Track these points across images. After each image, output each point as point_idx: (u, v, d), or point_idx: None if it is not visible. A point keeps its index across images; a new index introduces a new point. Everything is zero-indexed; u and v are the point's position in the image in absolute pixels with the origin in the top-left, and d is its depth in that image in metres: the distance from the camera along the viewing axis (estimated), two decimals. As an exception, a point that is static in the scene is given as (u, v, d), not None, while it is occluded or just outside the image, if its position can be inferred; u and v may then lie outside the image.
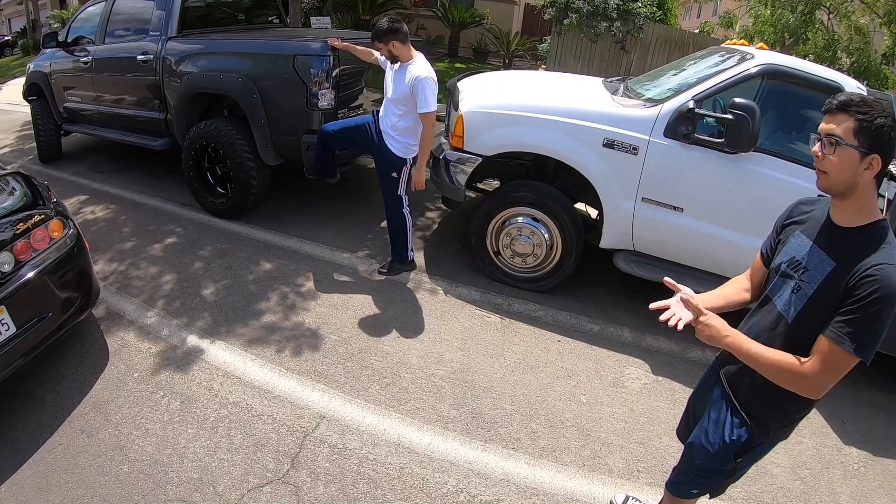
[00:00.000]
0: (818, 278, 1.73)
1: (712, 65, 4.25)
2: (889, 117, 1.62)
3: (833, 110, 1.67)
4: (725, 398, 2.07)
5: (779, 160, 3.79)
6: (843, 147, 1.63)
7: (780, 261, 1.91)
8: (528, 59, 16.50)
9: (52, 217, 3.35)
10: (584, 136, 4.03)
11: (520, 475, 2.98)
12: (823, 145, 1.68)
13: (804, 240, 1.84)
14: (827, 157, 1.66)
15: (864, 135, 1.62)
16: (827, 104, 1.69)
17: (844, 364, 1.68)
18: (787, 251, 1.89)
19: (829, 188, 1.71)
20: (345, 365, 3.63)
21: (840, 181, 1.67)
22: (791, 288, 1.83)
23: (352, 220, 5.63)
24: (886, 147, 1.63)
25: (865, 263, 1.63)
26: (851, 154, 1.63)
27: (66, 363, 3.50)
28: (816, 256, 1.76)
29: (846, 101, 1.65)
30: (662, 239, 4.16)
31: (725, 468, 2.09)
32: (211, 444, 2.99)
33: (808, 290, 1.76)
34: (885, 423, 3.73)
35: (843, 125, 1.64)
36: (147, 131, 6.04)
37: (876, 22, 10.09)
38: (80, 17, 6.78)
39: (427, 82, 3.98)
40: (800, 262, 1.81)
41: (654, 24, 11.12)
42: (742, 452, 2.04)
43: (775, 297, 1.90)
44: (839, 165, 1.65)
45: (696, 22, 20.18)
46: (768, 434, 1.99)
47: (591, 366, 3.86)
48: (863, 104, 1.62)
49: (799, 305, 1.78)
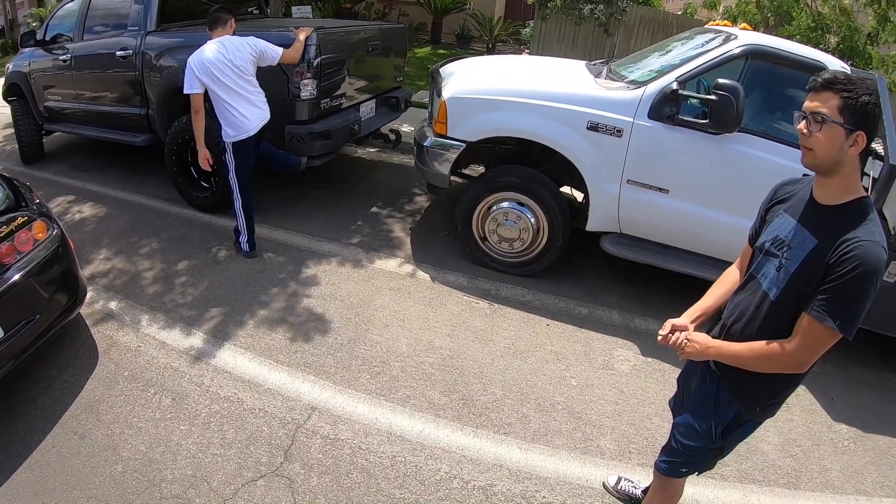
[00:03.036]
0: (801, 256, 1.74)
1: (696, 46, 4.25)
2: (873, 94, 1.63)
3: (817, 88, 1.67)
4: (712, 377, 2.08)
5: (763, 140, 3.80)
6: (828, 124, 1.64)
7: (763, 239, 1.93)
8: (511, 43, 16.40)
9: (36, 218, 3.32)
10: (568, 120, 4.02)
11: (512, 460, 3.00)
12: (809, 123, 1.68)
13: (788, 219, 1.85)
14: (813, 134, 1.67)
15: (849, 112, 1.62)
16: (811, 82, 1.70)
17: (826, 340, 1.70)
18: (770, 230, 1.91)
19: (815, 165, 1.71)
20: (334, 355, 3.63)
21: (826, 158, 1.67)
22: (775, 266, 1.84)
23: (338, 211, 5.62)
24: (871, 124, 1.64)
25: (846, 239, 1.64)
26: (837, 131, 1.63)
27: (56, 364, 3.48)
28: (799, 234, 1.78)
29: (830, 78, 1.65)
30: (648, 221, 4.18)
31: (713, 446, 2.11)
32: (204, 440, 2.99)
33: (791, 267, 1.77)
34: (874, 399, 3.78)
35: (828, 103, 1.64)
36: (129, 128, 5.99)
37: (860, 2, 10.09)
38: (58, 14, 6.68)
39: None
40: (783, 240, 1.83)
41: (638, 6, 11.06)
42: (730, 430, 2.07)
43: (759, 275, 1.92)
44: (825, 142, 1.65)
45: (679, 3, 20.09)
46: (755, 412, 2.01)
47: (580, 349, 3.88)
48: (847, 82, 1.63)
49: (783, 283, 1.80)
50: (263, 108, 4.46)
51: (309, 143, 4.86)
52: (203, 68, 4.15)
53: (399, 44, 6.40)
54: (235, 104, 4.26)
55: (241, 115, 4.29)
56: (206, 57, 4.15)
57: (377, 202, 5.91)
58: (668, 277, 4.36)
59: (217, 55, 4.15)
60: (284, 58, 4.44)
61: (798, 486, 3.06)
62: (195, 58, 4.17)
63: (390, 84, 6.36)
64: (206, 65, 4.14)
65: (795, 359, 1.77)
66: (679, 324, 2.08)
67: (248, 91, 4.31)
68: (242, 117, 4.29)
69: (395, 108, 6.33)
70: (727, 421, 2.05)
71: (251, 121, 4.34)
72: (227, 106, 4.26)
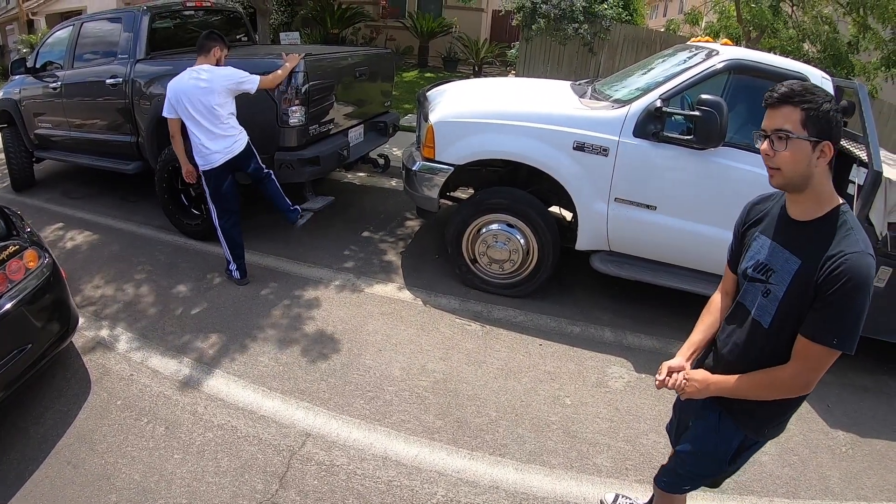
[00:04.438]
0: (786, 278, 1.68)
1: (678, 63, 4.31)
2: (832, 100, 1.58)
3: (774, 104, 1.61)
4: (711, 406, 2.01)
5: (748, 153, 3.84)
6: (793, 140, 1.58)
7: (745, 266, 1.86)
8: (497, 65, 16.60)
9: (27, 247, 3.32)
10: (555, 140, 4.07)
11: (508, 481, 2.99)
12: (772, 142, 1.62)
13: (765, 241, 1.79)
14: (778, 153, 1.61)
15: (813, 123, 1.57)
16: (767, 98, 1.64)
17: (827, 359, 1.64)
18: (750, 255, 1.85)
19: (785, 184, 1.66)
20: (328, 381, 3.63)
21: (795, 175, 1.61)
22: (761, 292, 1.78)
23: (329, 236, 5.63)
24: (836, 131, 1.59)
25: (830, 254, 1.58)
26: (803, 146, 1.58)
27: (48, 394, 3.46)
28: (781, 256, 1.72)
29: (787, 92, 1.59)
30: (637, 238, 4.21)
31: (723, 469, 2.08)
32: (198, 469, 2.97)
33: (778, 292, 1.71)
34: (871, 405, 3.82)
35: (789, 118, 1.58)
36: (119, 155, 6.00)
37: (839, 11, 10.22)
38: (49, 41, 6.73)
39: None
40: (765, 264, 1.77)
41: (621, 24, 11.22)
42: (737, 455, 2.01)
43: (747, 302, 1.86)
44: (792, 159, 1.59)
45: (662, 21, 20.36)
46: (764, 434, 1.95)
47: (573, 367, 3.90)
48: (805, 92, 1.58)
49: (772, 310, 1.74)
50: (232, 142, 4.39)
51: (298, 169, 4.87)
52: (175, 95, 4.20)
53: (386, 69, 6.46)
54: (200, 136, 4.28)
55: (205, 147, 4.30)
56: (180, 85, 4.19)
57: (367, 227, 5.93)
58: (659, 293, 4.39)
59: (190, 85, 4.17)
60: (263, 84, 4.41)
61: (797, 494, 3.08)
62: (172, 84, 4.23)
63: (378, 109, 6.41)
64: (178, 93, 4.19)
65: (799, 381, 1.71)
66: (674, 365, 2.00)
67: (214, 125, 4.26)
68: (206, 149, 4.30)
69: (383, 132, 6.37)
70: (734, 449, 1.99)
71: (213, 153, 4.31)
72: (193, 135, 4.29)
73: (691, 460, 2.12)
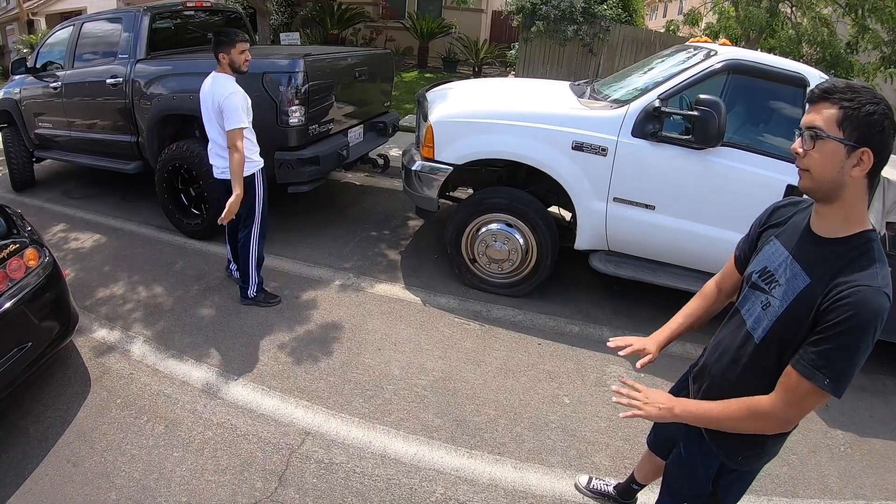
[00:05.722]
0: (789, 296, 1.54)
1: (677, 63, 4.32)
2: (881, 104, 1.38)
3: (815, 99, 1.45)
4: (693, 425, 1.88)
5: (747, 153, 3.86)
6: (824, 140, 1.41)
7: (752, 269, 1.73)
8: (497, 66, 16.61)
9: (28, 246, 3.32)
10: (553, 140, 4.08)
11: (507, 479, 3.00)
12: (804, 140, 1.46)
13: (779, 248, 1.64)
14: (808, 152, 1.45)
15: (850, 125, 1.38)
16: (809, 93, 1.48)
17: (815, 399, 1.50)
18: (760, 259, 1.70)
19: (812, 189, 1.48)
20: (327, 380, 3.64)
21: (824, 180, 1.44)
22: (761, 303, 1.64)
23: (328, 236, 5.64)
24: (879, 139, 1.39)
25: (841, 283, 1.42)
26: (835, 148, 1.40)
27: (48, 392, 3.47)
28: (790, 270, 1.57)
29: (829, 87, 1.43)
30: (636, 237, 4.22)
31: (706, 492, 1.92)
32: (197, 467, 2.98)
33: (778, 308, 1.57)
34: (869, 404, 3.83)
35: (824, 115, 1.42)
36: (119, 155, 6.02)
37: (838, 12, 10.24)
38: (49, 42, 6.74)
39: None
40: (772, 273, 1.63)
41: (621, 25, 11.23)
42: (718, 478, 1.88)
43: (744, 311, 1.73)
44: (821, 162, 1.43)
45: (662, 21, 20.38)
46: (737, 462, 1.82)
47: (572, 367, 3.90)
48: (848, 90, 1.40)
49: (768, 326, 1.60)
50: (217, 162, 4.15)
51: (298, 169, 4.88)
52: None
53: (386, 69, 6.48)
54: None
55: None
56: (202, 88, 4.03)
57: (367, 227, 5.94)
58: (658, 292, 4.40)
59: (202, 91, 4.01)
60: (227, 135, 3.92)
61: (796, 493, 3.09)
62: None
63: (378, 109, 6.43)
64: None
65: (779, 418, 1.56)
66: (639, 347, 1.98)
67: (212, 137, 4.10)
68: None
69: (382, 132, 6.38)
70: (713, 471, 1.87)
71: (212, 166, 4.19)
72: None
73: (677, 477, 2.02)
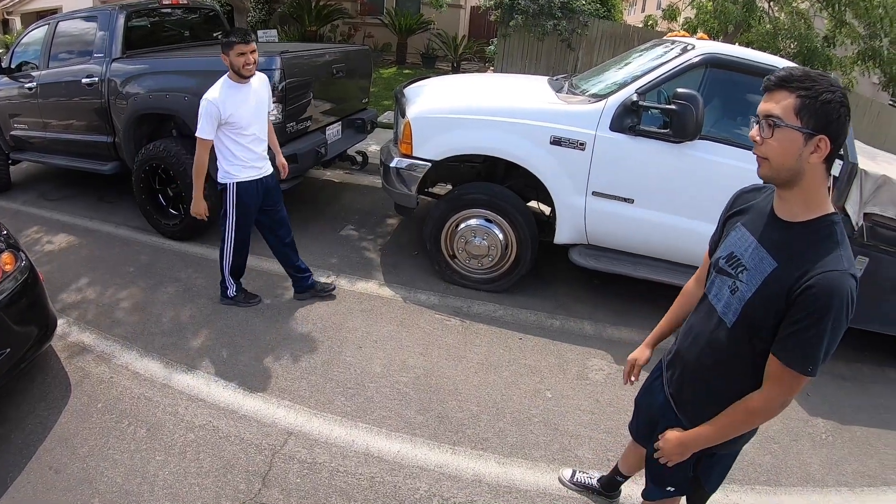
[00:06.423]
0: (757, 280, 1.57)
1: (655, 57, 4.35)
2: (837, 91, 1.41)
3: (772, 87, 1.48)
4: (670, 408, 1.96)
5: (724, 146, 3.91)
6: (782, 129, 1.44)
7: (718, 255, 1.75)
8: (475, 61, 16.62)
9: (3, 250, 3.28)
10: (532, 135, 4.09)
11: (491, 474, 3.02)
12: (762, 128, 1.48)
13: (745, 234, 1.67)
14: (765, 140, 1.47)
15: (808, 113, 1.41)
16: (765, 81, 1.51)
17: (800, 384, 1.55)
18: (726, 245, 1.73)
19: (771, 177, 1.52)
20: (308, 379, 3.63)
21: (782, 168, 1.47)
22: (728, 287, 1.68)
23: (307, 234, 5.61)
24: (835, 127, 1.42)
25: (810, 269, 1.46)
26: (793, 136, 1.43)
27: (28, 398, 3.43)
28: (757, 254, 1.60)
29: (786, 75, 1.45)
30: (615, 231, 4.25)
31: (688, 476, 1.96)
32: (180, 470, 2.96)
33: (746, 292, 1.60)
34: (849, 392, 3.90)
35: (782, 103, 1.44)
36: (96, 156, 5.94)
37: (816, 6, 10.34)
38: (23, 41, 6.61)
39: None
40: (738, 258, 1.66)
41: (599, 20, 11.25)
42: (698, 463, 1.92)
43: (711, 296, 1.77)
44: (779, 150, 1.46)
45: (640, 16, 20.44)
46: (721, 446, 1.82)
47: (554, 361, 3.93)
48: (805, 78, 1.43)
49: (737, 310, 1.63)
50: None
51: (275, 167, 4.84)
52: None
53: (364, 66, 6.45)
54: None
55: None
56: None
57: (346, 224, 5.93)
58: (639, 285, 4.44)
59: None
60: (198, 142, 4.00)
61: (779, 482, 3.14)
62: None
63: (356, 106, 6.41)
64: None
65: (776, 407, 1.62)
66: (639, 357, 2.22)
67: None
68: None
69: (361, 129, 6.35)
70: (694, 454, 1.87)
71: None
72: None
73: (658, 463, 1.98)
